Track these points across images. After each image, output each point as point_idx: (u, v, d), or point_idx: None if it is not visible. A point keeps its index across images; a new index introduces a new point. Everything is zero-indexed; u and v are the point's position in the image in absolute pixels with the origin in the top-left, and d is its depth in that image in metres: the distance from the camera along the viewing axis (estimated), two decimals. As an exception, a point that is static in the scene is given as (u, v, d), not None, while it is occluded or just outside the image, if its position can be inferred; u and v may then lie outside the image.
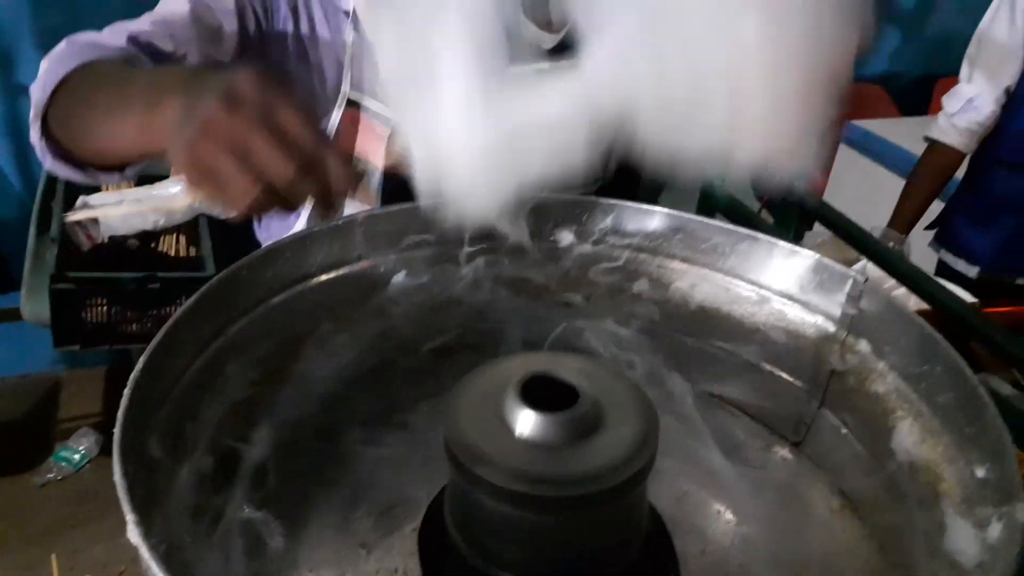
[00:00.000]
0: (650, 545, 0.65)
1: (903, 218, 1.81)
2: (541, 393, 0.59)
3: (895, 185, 1.90)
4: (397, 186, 1.05)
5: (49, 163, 0.71)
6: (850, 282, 0.74)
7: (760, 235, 0.79)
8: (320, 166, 0.53)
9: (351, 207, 0.55)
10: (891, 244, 1.73)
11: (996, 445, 0.57)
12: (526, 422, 0.57)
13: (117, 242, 1.87)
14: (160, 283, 1.69)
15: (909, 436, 0.67)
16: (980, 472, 0.58)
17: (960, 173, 1.84)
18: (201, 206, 1.92)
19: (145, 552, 0.43)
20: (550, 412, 0.57)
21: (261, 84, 0.52)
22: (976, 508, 0.58)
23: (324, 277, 0.75)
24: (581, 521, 0.57)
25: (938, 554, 0.60)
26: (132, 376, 0.55)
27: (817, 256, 0.76)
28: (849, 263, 1.31)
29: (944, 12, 3.11)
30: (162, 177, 1.98)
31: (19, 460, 2.12)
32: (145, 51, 0.77)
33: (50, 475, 2.06)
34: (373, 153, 1.03)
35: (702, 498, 0.75)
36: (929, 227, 1.92)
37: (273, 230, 1.12)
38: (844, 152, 2.66)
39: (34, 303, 1.80)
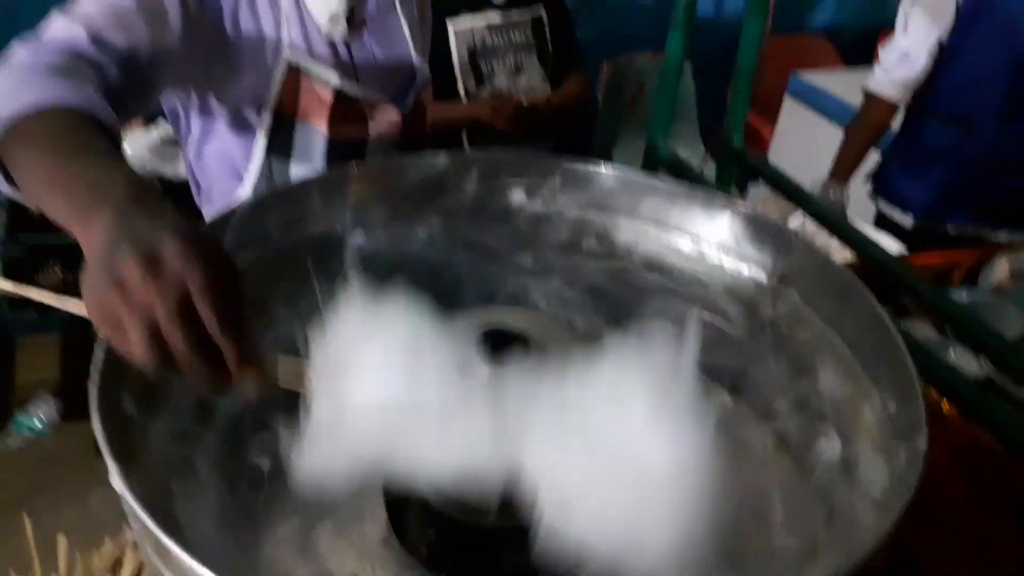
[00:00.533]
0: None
1: (842, 168, 1.87)
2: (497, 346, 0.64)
3: (838, 136, 1.96)
4: (342, 150, 1.07)
5: (3, 187, 0.68)
6: (780, 234, 0.79)
7: (699, 188, 0.83)
8: (216, 353, 0.51)
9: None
10: (831, 193, 1.79)
11: (906, 383, 0.63)
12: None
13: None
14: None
15: (833, 377, 0.73)
16: (892, 408, 0.65)
17: (896, 125, 1.91)
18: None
19: (128, 496, 0.47)
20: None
21: (186, 252, 0.51)
22: (888, 441, 0.64)
23: (282, 239, 0.78)
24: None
25: (855, 484, 0.66)
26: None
27: (749, 210, 0.81)
28: (787, 219, 1.38)
29: (887, -37, 3.17)
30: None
31: (-22, 426, 2.12)
32: (101, 48, 0.77)
33: (10, 441, 2.07)
34: (316, 116, 1.05)
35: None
36: (868, 178, 1.99)
37: (213, 198, 1.13)
38: (789, 104, 2.73)
39: (-16, 270, 1.79)
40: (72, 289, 1.60)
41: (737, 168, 1.26)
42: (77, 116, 0.66)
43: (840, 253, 1.20)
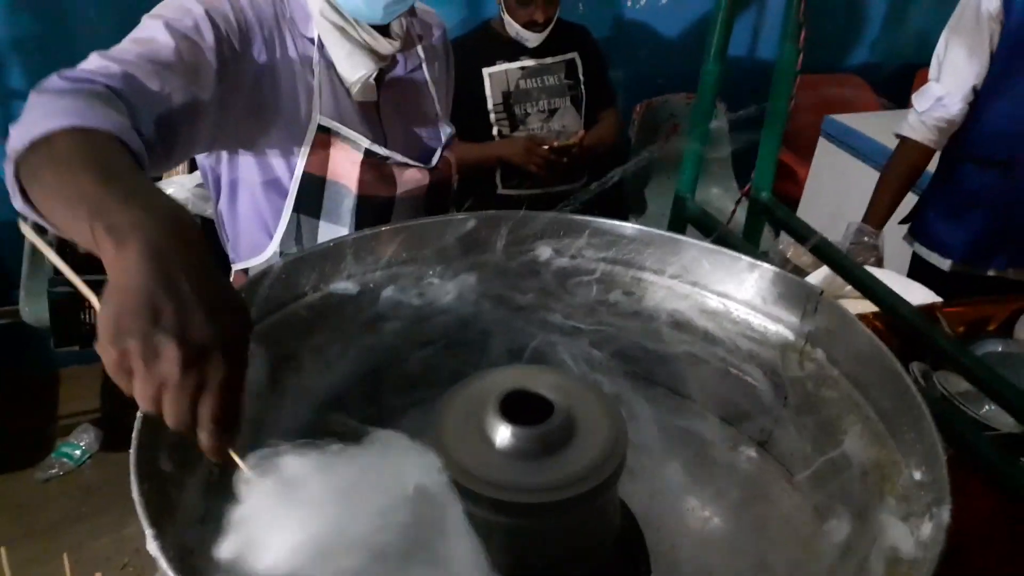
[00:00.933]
0: (623, 542, 0.71)
1: (877, 213, 1.86)
2: (519, 406, 0.65)
3: (873, 177, 1.95)
4: (370, 208, 1.09)
5: (19, 205, 0.68)
6: (807, 294, 0.80)
7: (724, 250, 0.84)
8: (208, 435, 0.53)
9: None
10: (865, 239, 1.78)
11: (930, 451, 0.63)
12: (504, 435, 0.63)
13: (113, 244, 1.91)
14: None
15: (859, 439, 0.73)
16: (917, 475, 0.64)
17: (932, 167, 1.90)
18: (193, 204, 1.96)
19: (163, 563, 0.49)
20: (526, 425, 0.63)
21: (214, 339, 0.51)
22: (913, 507, 0.64)
23: (315, 296, 0.80)
24: (556, 525, 0.63)
25: (881, 550, 0.66)
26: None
27: (775, 270, 0.82)
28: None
29: (924, 2, 3.16)
30: (154, 180, 2.01)
31: (21, 457, 2.17)
32: (135, 90, 0.78)
33: (52, 471, 2.12)
34: (345, 175, 1.07)
35: (674, 495, 0.81)
36: (903, 221, 1.97)
37: (241, 251, 1.16)
38: (823, 145, 2.72)
39: (33, 306, 1.85)
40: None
41: (764, 223, 1.27)
42: (110, 139, 0.65)
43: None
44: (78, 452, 2.14)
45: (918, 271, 1.91)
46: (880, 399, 0.72)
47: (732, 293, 0.85)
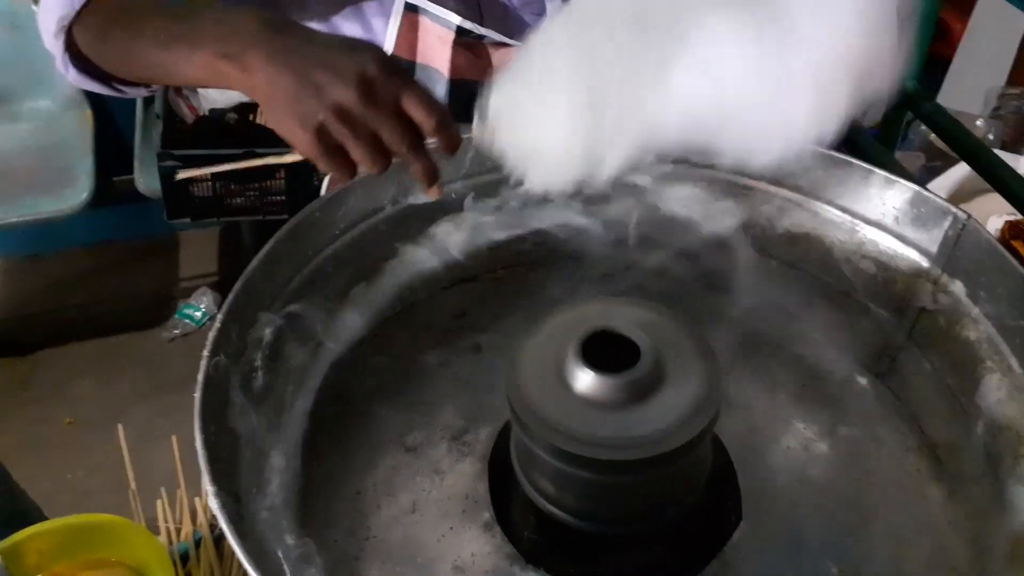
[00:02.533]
0: (714, 483, 0.66)
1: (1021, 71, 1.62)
2: (603, 348, 0.59)
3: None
4: (464, 95, 1.01)
5: (72, 76, 0.70)
6: (950, 218, 0.69)
7: (856, 161, 0.73)
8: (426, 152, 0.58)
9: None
10: (1015, 104, 1.56)
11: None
12: (585, 381, 0.58)
13: (217, 116, 1.91)
14: (259, 159, 1.73)
15: (996, 391, 0.64)
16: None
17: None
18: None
19: (224, 522, 0.47)
20: (610, 373, 0.57)
21: (389, 67, 0.56)
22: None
23: (396, 208, 0.75)
24: (637, 480, 0.58)
25: (1007, 521, 0.59)
26: (207, 348, 0.58)
27: (915, 188, 0.70)
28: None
29: None
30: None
31: (148, 317, 2.31)
32: None
33: (176, 331, 2.24)
34: (436, 58, 0.99)
35: (774, 431, 0.75)
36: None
37: None
38: (987, -6, 2.36)
39: (146, 177, 1.90)
40: (224, 193, 1.61)
41: (908, 113, 1.10)
42: None
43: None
44: (198, 313, 2.25)
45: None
46: (1028, 349, 0.62)
47: (860, 210, 0.74)
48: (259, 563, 0.44)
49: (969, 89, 1.97)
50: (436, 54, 0.98)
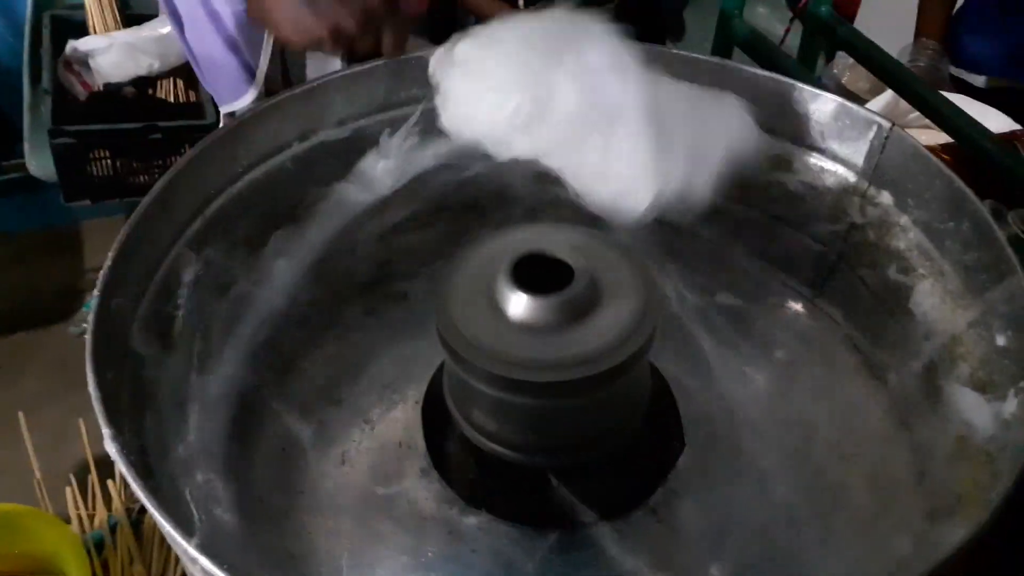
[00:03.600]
0: (654, 412, 0.64)
1: (931, 20, 1.68)
2: (535, 272, 0.56)
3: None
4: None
5: None
6: (874, 128, 0.68)
7: (779, 77, 0.72)
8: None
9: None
10: (925, 59, 1.60)
11: (1020, 313, 0.54)
12: (518, 305, 0.55)
13: (113, 90, 1.79)
14: (161, 133, 1.64)
15: (929, 297, 0.64)
16: (1000, 340, 0.55)
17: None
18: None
19: (124, 468, 0.42)
20: (542, 294, 0.54)
21: None
22: (994, 378, 0.55)
23: (304, 144, 0.70)
24: (578, 404, 0.56)
25: (947, 423, 0.58)
26: (101, 275, 0.53)
27: (839, 101, 0.69)
28: (880, 86, 1.22)
29: None
30: (150, 17, 1.87)
31: (53, 312, 2.17)
32: None
33: (84, 324, 2.11)
34: None
35: (711, 358, 0.73)
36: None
37: (221, 92, 1.04)
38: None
39: (39, 158, 1.77)
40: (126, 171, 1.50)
41: (824, 38, 1.11)
42: None
43: (938, 134, 1.06)
44: (108, 305, 2.14)
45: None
46: (958, 251, 0.62)
47: (784, 128, 0.73)
48: (165, 506, 0.39)
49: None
50: None
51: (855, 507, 0.62)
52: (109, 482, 0.94)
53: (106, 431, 0.43)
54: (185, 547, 0.37)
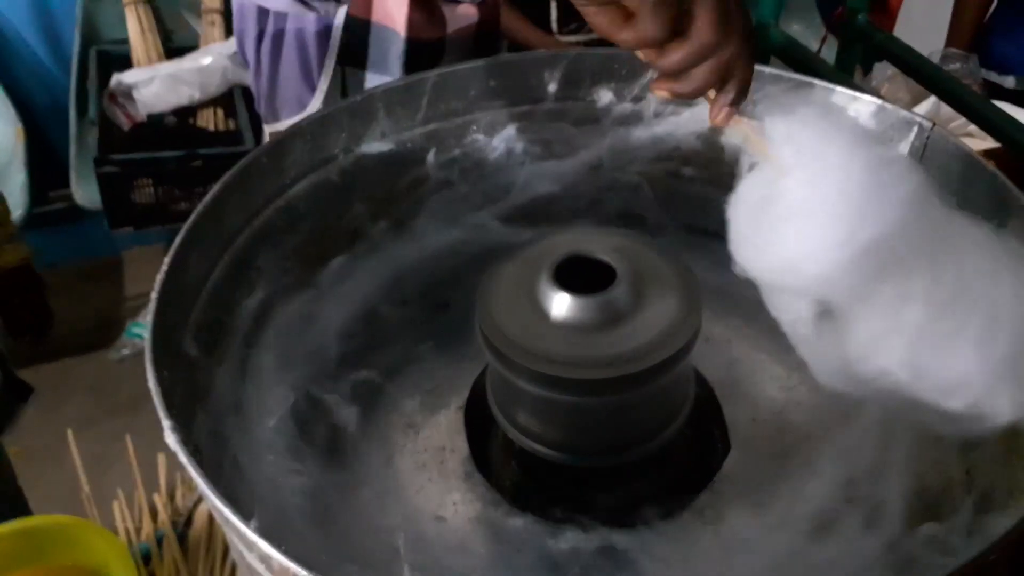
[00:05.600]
0: (699, 416, 0.64)
1: (960, 33, 1.69)
2: (577, 274, 0.57)
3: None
4: (420, 53, 0.99)
5: None
6: (915, 129, 0.68)
7: (817, 81, 0.72)
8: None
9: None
10: (956, 65, 1.60)
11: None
12: (561, 305, 0.55)
13: (155, 120, 1.85)
14: (202, 160, 1.68)
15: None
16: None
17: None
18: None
19: (183, 457, 0.43)
20: (584, 294, 0.55)
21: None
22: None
23: (348, 158, 0.72)
24: (621, 401, 0.56)
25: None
26: (157, 280, 0.54)
27: (879, 102, 0.69)
28: (919, 97, 1.22)
29: None
30: (192, 48, 1.93)
31: (95, 338, 2.22)
32: None
33: (125, 351, 2.16)
34: (393, 16, 0.97)
35: (755, 364, 0.73)
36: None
37: (280, 110, 1.08)
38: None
39: (84, 187, 1.83)
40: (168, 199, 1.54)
41: (862, 48, 1.11)
42: None
43: (980, 141, 1.05)
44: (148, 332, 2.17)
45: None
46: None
47: (823, 133, 0.73)
48: (224, 492, 0.40)
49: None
50: (392, 11, 0.96)
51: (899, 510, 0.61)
52: (155, 496, 0.95)
53: (166, 423, 0.44)
54: (244, 531, 0.38)
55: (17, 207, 1.80)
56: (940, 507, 0.58)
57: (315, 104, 1.03)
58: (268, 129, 1.10)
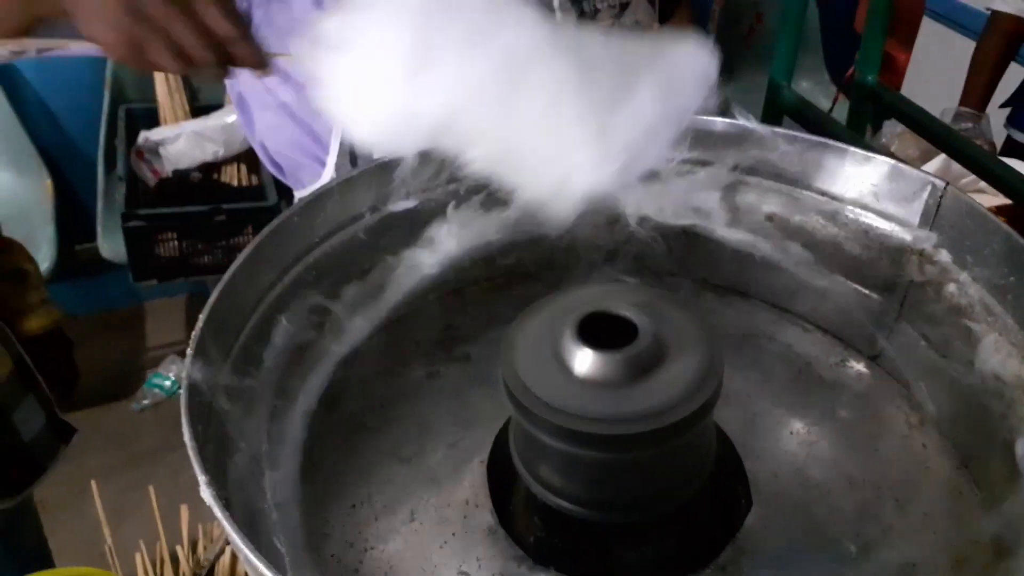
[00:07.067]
0: (720, 472, 0.64)
1: (974, 93, 1.70)
2: (600, 329, 0.58)
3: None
4: None
5: None
6: (928, 188, 0.69)
7: (831, 142, 0.74)
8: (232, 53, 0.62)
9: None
10: (968, 124, 1.62)
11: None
12: (584, 361, 0.56)
13: (180, 176, 1.90)
14: (225, 215, 1.72)
15: (994, 352, 0.64)
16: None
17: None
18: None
19: (218, 512, 0.44)
20: (608, 350, 0.56)
21: None
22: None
23: (374, 216, 0.74)
24: (645, 458, 0.56)
25: (1019, 476, 0.58)
26: (193, 337, 0.56)
27: (892, 163, 0.71)
28: (929, 154, 1.24)
29: None
30: (218, 106, 1.98)
31: (116, 389, 2.24)
32: None
33: (145, 401, 2.18)
34: None
35: (775, 419, 0.74)
36: (1003, 105, 1.81)
37: (304, 179, 1.09)
38: (928, 25, 2.46)
39: (110, 241, 1.87)
40: (191, 252, 1.57)
41: (872, 107, 1.13)
42: None
43: (991, 197, 1.07)
44: (168, 383, 2.20)
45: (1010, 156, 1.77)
46: (1021, 306, 0.62)
47: (839, 191, 0.75)
48: (259, 547, 0.41)
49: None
50: None
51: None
52: (177, 547, 0.95)
53: (202, 479, 0.45)
54: (278, 587, 0.39)
55: (44, 260, 1.84)
56: (968, 565, 0.58)
57: (328, 171, 1.04)
58: (298, 195, 1.11)
